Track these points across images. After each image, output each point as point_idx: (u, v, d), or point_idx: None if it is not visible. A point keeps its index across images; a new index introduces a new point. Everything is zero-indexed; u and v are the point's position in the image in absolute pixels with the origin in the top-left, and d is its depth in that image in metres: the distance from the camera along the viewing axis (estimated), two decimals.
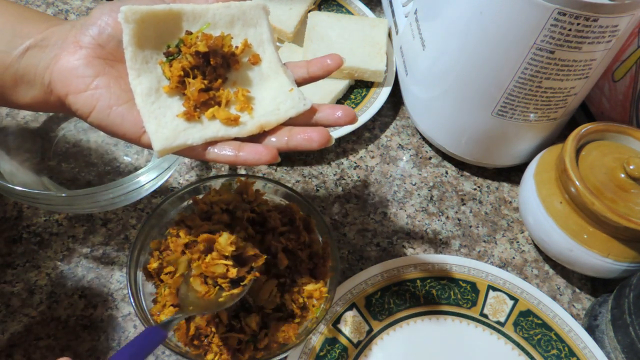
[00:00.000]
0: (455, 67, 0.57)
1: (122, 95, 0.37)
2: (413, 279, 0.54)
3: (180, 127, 0.37)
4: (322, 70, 0.41)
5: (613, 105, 0.64)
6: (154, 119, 0.37)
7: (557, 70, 0.51)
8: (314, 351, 0.49)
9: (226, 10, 0.41)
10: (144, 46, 0.38)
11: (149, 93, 0.38)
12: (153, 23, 0.38)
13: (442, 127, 0.63)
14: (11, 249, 0.53)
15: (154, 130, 0.37)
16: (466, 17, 0.52)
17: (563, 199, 0.54)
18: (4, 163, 0.52)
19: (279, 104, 0.39)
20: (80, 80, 0.37)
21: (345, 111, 0.39)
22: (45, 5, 0.72)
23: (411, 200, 0.63)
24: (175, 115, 0.38)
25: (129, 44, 0.37)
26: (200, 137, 0.37)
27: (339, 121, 0.39)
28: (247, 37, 0.41)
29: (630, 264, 0.52)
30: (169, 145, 0.37)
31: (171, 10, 0.39)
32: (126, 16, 0.37)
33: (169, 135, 0.37)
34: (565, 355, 0.51)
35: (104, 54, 0.38)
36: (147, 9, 0.38)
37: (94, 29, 0.38)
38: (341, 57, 0.41)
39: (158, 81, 0.39)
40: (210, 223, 0.47)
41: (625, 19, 0.48)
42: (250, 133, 0.38)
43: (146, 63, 0.38)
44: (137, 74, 0.38)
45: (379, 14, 0.79)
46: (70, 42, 0.38)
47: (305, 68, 0.42)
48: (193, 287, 0.42)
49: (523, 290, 0.55)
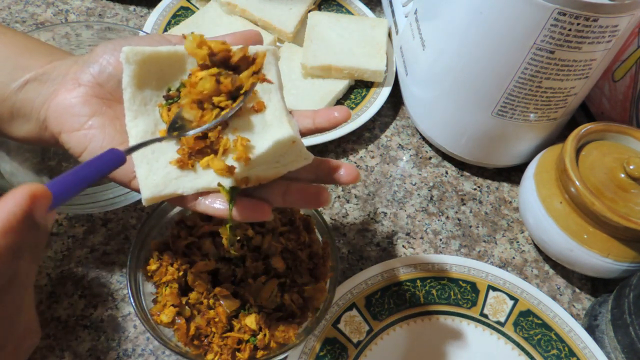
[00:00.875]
0: (455, 67, 0.57)
1: (116, 136, 0.36)
2: (413, 279, 0.54)
3: (172, 175, 0.36)
4: (329, 123, 0.39)
5: (613, 105, 0.64)
6: (146, 164, 0.36)
7: (557, 70, 0.51)
8: (314, 351, 0.49)
9: None
10: (144, 87, 0.37)
11: (144, 137, 0.36)
12: (155, 64, 0.37)
13: (442, 127, 0.63)
14: None
15: (144, 177, 0.35)
16: (466, 17, 0.52)
17: (563, 199, 0.54)
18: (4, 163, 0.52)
19: (279, 156, 0.37)
20: (75, 119, 0.36)
21: (347, 169, 0.37)
22: (45, 5, 0.72)
23: (411, 200, 0.63)
24: (168, 162, 0.36)
25: (128, 85, 0.36)
26: (192, 187, 0.36)
27: (340, 180, 0.38)
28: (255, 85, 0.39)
29: (630, 264, 0.52)
30: (158, 193, 0.35)
31: (176, 52, 0.37)
32: (127, 57, 0.35)
33: (159, 183, 0.35)
34: (565, 355, 0.51)
35: (103, 93, 0.37)
36: (150, 50, 0.36)
37: (94, 67, 0.37)
38: (349, 111, 0.40)
39: (155, 125, 0.37)
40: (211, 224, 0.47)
41: (625, 19, 0.48)
42: (245, 185, 0.36)
43: (145, 105, 0.37)
44: (134, 115, 0.36)
45: (379, 14, 0.79)
46: (70, 78, 0.37)
47: (312, 119, 0.40)
48: (186, 117, 0.36)
49: (523, 290, 0.55)
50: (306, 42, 0.68)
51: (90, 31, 0.55)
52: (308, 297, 0.47)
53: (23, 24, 0.70)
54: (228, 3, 0.70)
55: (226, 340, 0.44)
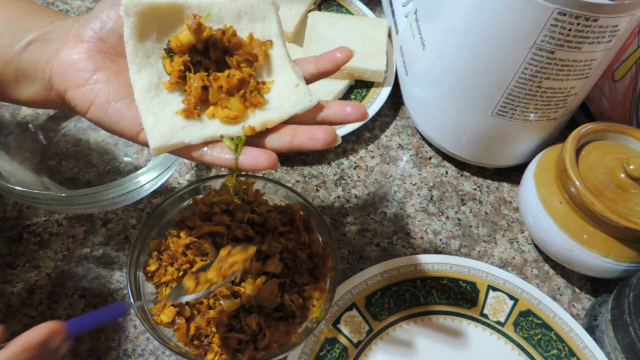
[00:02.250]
0: (455, 67, 0.57)
1: (121, 90, 0.37)
2: (413, 279, 0.54)
3: (179, 125, 0.36)
4: (332, 65, 0.40)
5: (613, 105, 0.64)
6: (152, 115, 0.36)
7: (557, 70, 0.51)
8: (314, 351, 0.49)
9: (232, 4, 0.39)
10: (146, 40, 0.37)
11: (148, 88, 0.37)
12: (155, 16, 0.37)
13: (442, 127, 0.63)
14: (11, 249, 0.53)
15: (151, 127, 0.36)
16: (466, 17, 0.52)
17: (563, 199, 0.54)
18: (4, 163, 0.52)
19: (283, 100, 0.38)
20: (79, 74, 0.36)
21: (355, 107, 0.37)
22: (45, 5, 0.72)
23: (411, 200, 0.63)
24: (174, 112, 0.37)
25: (129, 37, 0.36)
26: (199, 136, 0.36)
27: (348, 117, 0.37)
28: (254, 32, 0.40)
29: (630, 264, 0.52)
30: (165, 143, 0.35)
31: (175, 3, 0.37)
32: (127, 9, 0.36)
33: (166, 133, 0.36)
34: (565, 355, 0.51)
35: (105, 48, 0.37)
36: (149, 1, 0.37)
37: (95, 23, 0.37)
38: (351, 50, 0.39)
39: (159, 76, 0.38)
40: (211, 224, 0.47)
41: (625, 19, 0.48)
42: (251, 132, 0.36)
43: (147, 57, 0.37)
44: (137, 68, 0.37)
45: (379, 14, 0.79)
46: (72, 36, 0.37)
47: (314, 63, 0.40)
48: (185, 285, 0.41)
49: (523, 290, 0.55)
50: (306, 42, 0.68)
51: None
52: (308, 297, 0.47)
53: None
54: None
55: (226, 340, 0.44)
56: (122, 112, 0.36)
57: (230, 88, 0.37)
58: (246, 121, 0.37)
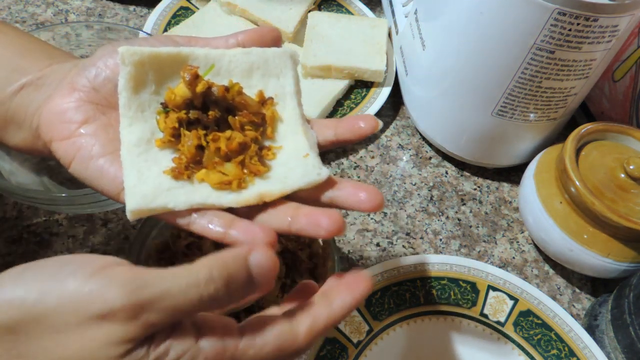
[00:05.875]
0: (455, 67, 0.57)
1: (107, 145, 0.33)
2: (413, 279, 0.54)
3: (164, 186, 0.32)
4: (354, 135, 0.35)
5: (613, 105, 0.64)
6: (136, 172, 0.32)
7: (557, 70, 0.51)
8: (314, 351, 0.49)
9: (245, 57, 0.35)
10: (142, 92, 0.34)
11: (137, 144, 0.33)
12: (155, 66, 0.34)
13: (442, 127, 0.63)
14: (11, 249, 0.53)
15: (132, 185, 0.31)
16: (466, 17, 0.52)
17: (563, 199, 0.53)
18: (4, 163, 0.52)
19: (288, 170, 0.33)
20: (66, 126, 0.34)
21: (371, 194, 0.32)
22: (45, 5, 0.72)
23: (411, 200, 0.63)
24: (161, 172, 0.32)
25: (123, 88, 0.33)
26: (186, 201, 0.31)
27: (360, 205, 0.32)
28: (266, 89, 0.36)
29: (630, 264, 0.52)
30: (145, 205, 0.31)
31: (179, 54, 0.34)
32: (123, 57, 0.33)
33: (148, 194, 0.31)
34: (565, 355, 0.51)
35: (98, 98, 0.35)
36: (150, 50, 0.33)
37: (91, 71, 0.35)
38: (377, 121, 0.35)
39: (152, 132, 0.34)
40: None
41: (625, 19, 0.48)
42: (246, 203, 0.32)
43: (142, 111, 0.34)
44: (129, 122, 0.33)
45: (379, 14, 0.79)
46: (66, 83, 0.35)
47: (333, 129, 0.35)
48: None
49: (523, 290, 0.55)
50: (306, 42, 0.68)
51: (90, 31, 0.55)
52: None
53: (23, 24, 0.70)
54: (228, 3, 0.70)
55: None
56: (104, 169, 0.33)
57: (229, 152, 0.33)
58: (241, 191, 0.32)
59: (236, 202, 0.32)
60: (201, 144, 0.33)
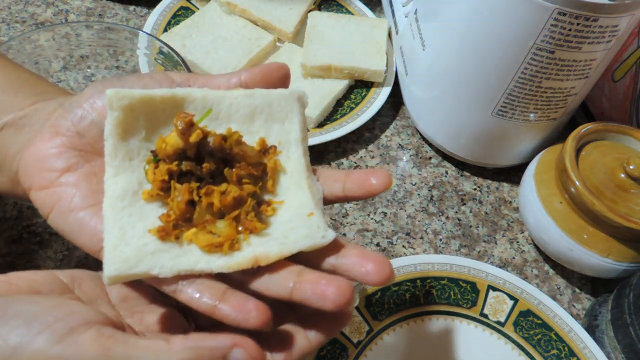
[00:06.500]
0: (455, 67, 0.57)
1: (89, 197, 0.30)
2: (413, 279, 0.54)
3: (149, 248, 0.28)
4: (363, 192, 0.32)
5: (613, 105, 0.64)
6: (118, 230, 0.28)
7: (557, 70, 0.51)
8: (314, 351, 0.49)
9: (247, 100, 0.32)
10: (131, 138, 0.31)
11: (122, 196, 0.30)
12: (147, 111, 0.31)
13: (442, 127, 0.63)
14: (11, 249, 0.53)
15: (112, 247, 0.28)
16: (466, 17, 0.52)
17: (563, 199, 0.53)
18: None
19: (289, 230, 0.30)
20: (45, 175, 0.31)
21: (378, 265, 0.28)
22: (45, 5, 0.72)
23: (411, 200, 0.63)
24: (147, 230, 0.29)
25: (110, 135, 0.30)
26: (172, 267, 0.28)
27: (365, 277, 0.28)
28: (270, 136, 0.32)
29: (630, 264, 0.52)
30: (126, 271, 0.27)
31: (174, 97, 0.31)
32: (111, 101, 0.29)
33: (130, 257, 0.28)
34: (565, 355, 0.51)
35: (82, 144, 0.32)
36: (141, 94, 0.30)
37: (76, 113, 0.32)
38: (390, 178, 0.32)
39: (139, 183, 0.31)
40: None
41: (625, 19, 0.48)
42: (239, 268, 0.28)
43: (130, 160, 0.31)
44: (114, 172, 0.30)
45: (379, 14, 0.79)
46: (49, 125, 0.32)
47: (342, 182, 0.32)
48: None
49: (523, 290, 0.55)
50: (306, 42, 0.68)
51: (90, 31, 0.55)
52: None
53: (23, 24, 0.70)
54: (228, 3, 0.70)
55: None
56: (84, 223, 0.30)
57: (222, 207, 0.30)
58: (233, 253, 0.29)
59: (227, 266, 0.28)
60: (192, 198, 0.30)
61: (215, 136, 0.30)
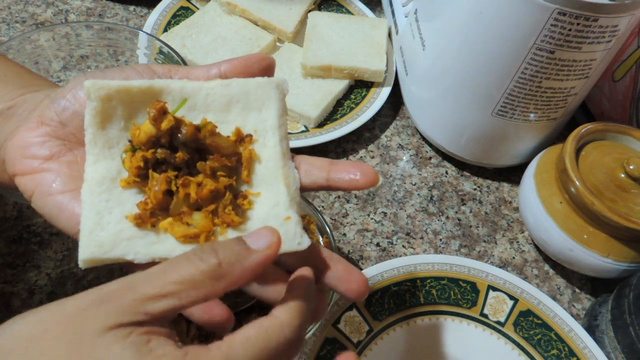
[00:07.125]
0: (455, 67, 0.57)
1: (69, 182, 0.32)
2: (413, 279, 0.54)
3: (125, 234, 0.29)
4: (347, 184, 0.32)
5: (613, 105, 0.64)
6: (95, 215, 0.29)
7: (557, 70, 0.51)
8: (314, 351, 0.49)
9: (224, 90, 0.32)
10: (110, 128, 0.32)
11: (100, 182, 0.30)
12: (125, 101, 0.31)
13: (442, 127, 0.63)
14: (11, 249, 0.53)
15: (88, 231, 0.29)
16: (466, 17, 0.52)
17: (563, 199, 0.54)
18: None
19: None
20: (28, 161, 0.32)
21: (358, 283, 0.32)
22: (45, 5, 0.72)
23: (411, 200, 0.63)
24: (124, 216, 0.30)
25: (89, 124, 0.31)
26: (147, 253, 0.28)
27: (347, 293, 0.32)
28: (246, 125, 0.33)
29: (630, 264, 0.52)
30: (101, 255, 0.28)
31: (151, 88, 0.32)
32: (89, 92, 0.30)
33: (105, 242, 0.28)
34: (565, 355, 0.51)
35: (65, 134, 0.33)
36: (118, 85, 0.31)
37: (60, 103, 0.33)
38: (377, 176, 0.33)
39: (118, 171, 0.31)
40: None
41: (625, 19, 0.48)
42: None
43: (109, 148, 0.32)
44: (94, 159, 0.31)
45: (379, 14, 0.79)
46: (36, 115, 0.33)
47: (326, 172, 0.32)
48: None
49: (523, 290, 0.55)
50: (306, 42, 0.68)
51: (90, 31, 0.55)
52: None
53: (23, 24, 0.70)
54: (228, 3, 0.70)
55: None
56: (62, 206, 0.31)
57: (199, 199, 0.30)
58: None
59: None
60: (170, 188, 0.30)
61: (189, 126, 0.30)
